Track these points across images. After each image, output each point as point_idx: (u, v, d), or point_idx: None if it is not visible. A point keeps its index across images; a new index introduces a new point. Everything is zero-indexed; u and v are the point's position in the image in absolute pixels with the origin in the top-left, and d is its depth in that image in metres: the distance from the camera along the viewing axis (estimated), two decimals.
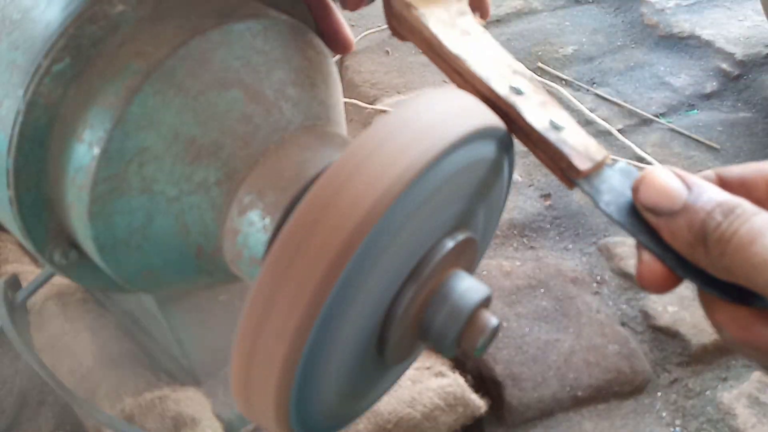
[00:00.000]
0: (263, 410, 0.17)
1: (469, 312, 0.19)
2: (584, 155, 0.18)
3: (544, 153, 0.19)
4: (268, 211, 0.21)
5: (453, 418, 0.34)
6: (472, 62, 0.19)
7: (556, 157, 0.18)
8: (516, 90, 0.19)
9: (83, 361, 0.34)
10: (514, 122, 0.19)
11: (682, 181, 0.15)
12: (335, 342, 0.17)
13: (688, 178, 0.15)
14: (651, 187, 0.15)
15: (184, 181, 0.21)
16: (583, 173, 0.18)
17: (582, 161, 0.18)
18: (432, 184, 0.17)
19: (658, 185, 0.15)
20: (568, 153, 0.18)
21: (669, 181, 0.15)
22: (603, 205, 0.17)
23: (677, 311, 0.43)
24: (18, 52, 0.21)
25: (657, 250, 0.15)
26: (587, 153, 0.18)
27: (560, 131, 0.18)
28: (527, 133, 0.19)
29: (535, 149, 0.19)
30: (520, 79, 0.19)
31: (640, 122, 0.59)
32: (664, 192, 0.15)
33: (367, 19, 0.70)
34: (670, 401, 0.40)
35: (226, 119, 0.21)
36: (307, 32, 0.24)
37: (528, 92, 0.19)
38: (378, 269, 0.17)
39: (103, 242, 0.22)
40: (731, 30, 0.67)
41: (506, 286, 0.44)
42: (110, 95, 0.21)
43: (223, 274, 0.24)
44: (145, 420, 0.30)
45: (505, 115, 0.19)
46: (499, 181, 0.21)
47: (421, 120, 0.17)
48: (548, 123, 0.18)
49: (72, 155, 0.21)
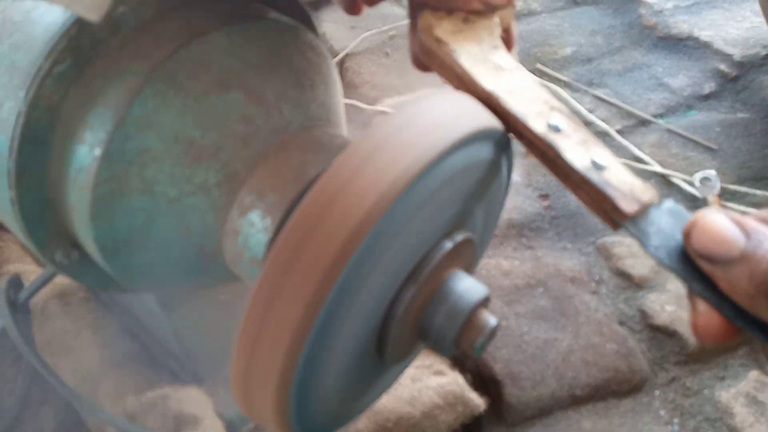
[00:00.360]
0: (263, 409, 0.18)
1: (468, 312, 0.19)
2: (630, 197, 0.17)
3: (587, 194, 0.17)
4: (268, 211, 0.21)
5: (452, 417, 0.34)
6: (506, 99, 0.18)
7: (599, 198, 0.17)
8: (554, 128, 0.18)
9: (85, 360, 0.34)
10: (552, 162, 0.18)
11: (738, 226, 0.14)
12: (335, 342, 0.17)
13: (745, 223, 0.14)
14: (705, 233, 0.14)
15: (184, 182, 0.21)
16: (629, 216, 0.16)
17: (628, 203, 0.17)
18: (431, 185, 0.17)
19: (712, 231, 0.14)
20: (612, 195, 0.17)
21: (724, 227, 0.14)
22: (652, 250, 0.16)
23: (675, 310, 0.43)
24: (19, 54, 0.21)
25: (713, 299, 0.14)
26: (633, 194, 0.17)
27: (603, 171, 0.17)
28: (567, 174, 0.18)
29: (576, 189, 0.18)
30: (558, 116, 0.18)
31: (638, 123, 0.60)
32: (720, 239, 0.14)
33: (367, 21, 0.70)
34: (668, 400, 0.40)
35: (226, 121, 0.21)
36: (307, 34, 0.24)
37: (567, 130, 0.18)
38: (378, 270, 0.17)
39: (105, 243, 0.22)
40: (729, 31, 0.67)
41: (505, 285, 0.45)
42: (111, 97, 0.21)
43: (223, 274, 0.24)
44: (147, 419, 0.30)
45: (543, 154, 0.18)
46: (498, 181, 0.21)
47: (420, 122, 0.17)
48: (590, 162, 0.17)
49: (73, 156, 0.21)
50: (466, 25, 0.20)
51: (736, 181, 0.53)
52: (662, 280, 0.45)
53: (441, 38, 0.20)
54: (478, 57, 0.19)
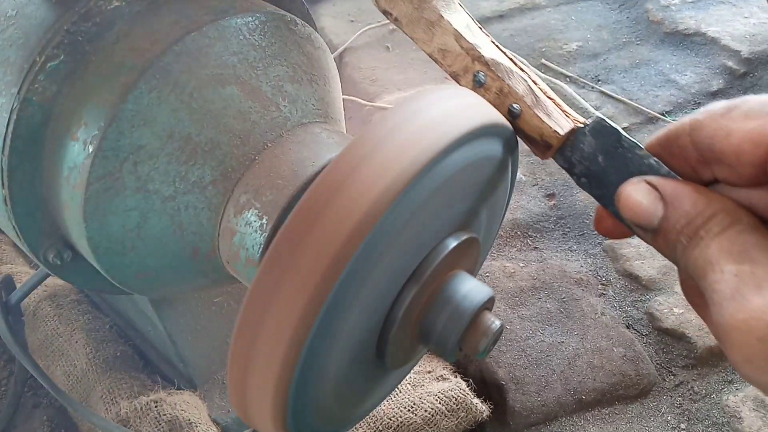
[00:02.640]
0: (260, 414, 0.17)
1: (472, 314, 0.19)
2: (540, 143, 0.19)
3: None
4: (265, 210, 0.20)
5: (455, 423, 0.33)
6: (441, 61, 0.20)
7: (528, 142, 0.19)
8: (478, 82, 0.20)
9: (77, 363, 0.33)
10: None
11: (657, 195, 0.15)
12: (334, 345, 0.17)
13: (664, 189, 0.15)
14: (626, 207, 0.15)
15: (179, 180, 0.21)
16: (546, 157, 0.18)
17: (540, 151, 0.19)
18: (433, 184, 0.17)
19: (631, 204, 0.15)
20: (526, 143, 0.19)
21: (641, 200, 0.15)
22: (575, 179, 0.18)
23: (683, 313, 0.42)
24: (12, 49, 0.21)
25: None
26: (542, 139, 0.19)
27: (516, 119, 0.19)
28: None
29: None
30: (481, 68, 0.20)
31: (645, 120, 0.59)
32: (640, 211, 0.15)
33: (366, 15, 0.70)
34: (676, 404, 0.39)
35: (222, 117, 0.21)
36: (305, 27, 0.24)
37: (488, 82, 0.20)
38: (378, 270, 0.16)
39: (98, 242, 0.21)
40: (737, 27, 0.66)
41: (509, 287, 0.44)
42: (105, 92, 0.20)
43: (219, 275, 0.23)
44: (141, 424, 0.30)
45: None
46: (503, 180, 0.21)
47: (422, 117, 0.17)
48: (506, 111, 0.19)
49: (66, 153, 0.21)
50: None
51: None
52: (670, 282, 0.45)
53: (385, 9, 0.21)
54: (412, 18, 0.21)
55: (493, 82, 0.19)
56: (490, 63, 0.19)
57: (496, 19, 0.71)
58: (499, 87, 0.19)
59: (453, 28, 0.20)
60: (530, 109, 0.19)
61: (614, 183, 0.17)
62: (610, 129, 0.18)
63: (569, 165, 0.18)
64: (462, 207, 0.19)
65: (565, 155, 0.18)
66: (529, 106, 0.19)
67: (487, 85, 0.19)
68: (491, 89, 0.19)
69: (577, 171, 0.18)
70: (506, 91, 0.19)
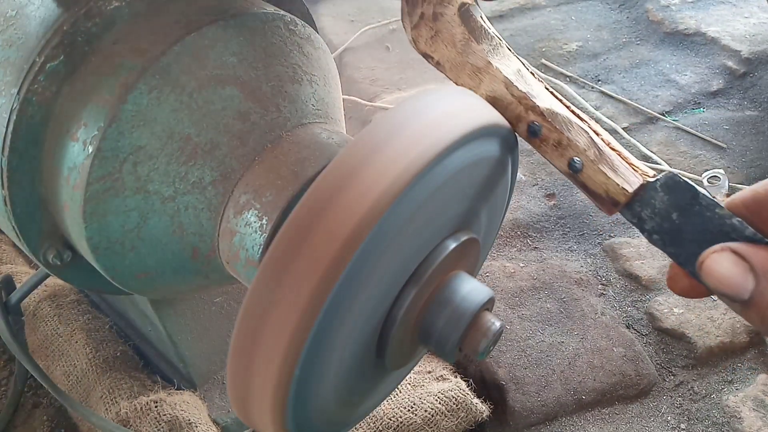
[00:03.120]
0: (260, 414, 0.17)
1: (472, 315, 0.19)
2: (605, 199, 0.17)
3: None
4: (265, 211, 0.20)
5: (454, 423, 0.33)
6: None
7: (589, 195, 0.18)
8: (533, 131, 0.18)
9: (77, 363, 0.33)
10: None
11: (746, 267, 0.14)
12: (334, 345, 0.17)
13: (755, 262, 0.14)
14: (711, 277, 0.14)
15: (179, 180, 0.21)
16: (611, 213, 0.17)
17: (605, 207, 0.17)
18: (433, 184, 0.17)
19: (719, 276, 0.14)
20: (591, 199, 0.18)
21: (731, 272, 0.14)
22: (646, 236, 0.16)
23: (683, 313, 0.42)
24: (12, 50, 0.21)
25: None
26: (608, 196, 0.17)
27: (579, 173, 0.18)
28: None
29: None
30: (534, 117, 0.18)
31: (645, 120, 0.59)
32: (728, 284, 0.14)
33: (366, 15, 0.70)
34: (676, 405, 0.39)
35: (222, 117, 0.21)
36: (305, 28, 0.24)
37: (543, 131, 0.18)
38: (378, 271, 0.16)
39: (97, 243, 0.21)
40: (737, 27, 0.66)
41: (509, 287, 0.44)
42: (105, 93, 0.20)
43: (219, 275, 0.23)
44: (141, 424, 0.30)
45: None
46: (503, 180, 0.21)
47: (422, 118, 0.17)
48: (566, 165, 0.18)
49: (66, 154, 0.21)
50: (438, 23, 0.19)
51: (745, 180, 0.52)
52: None
53: (425, 52, 0.20)
54: (456, 62, 0.19)
55: (550, 133, 0.18)
56: (546, 113, 0.18)
57: (496, 19, 0.71)
58: (557, 139, 0.18)
59: (503, 76, 0.18)
60: (594, 164, 0.17)
61: (692, 242, 0.16)
62: (684, 185, 0.16)
63: (638, 220, 0.17)
64: (462, 207, 0.19)
65: (634, 210, 0.17)
66: (592, 160, 0.17)
67: (543, 136, 0.18)
68: (548, 141, 0.18)
69: (647, 227, 0.17)
70: (565, 144, 0.18)
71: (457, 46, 0.19)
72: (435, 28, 0.19)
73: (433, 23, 0.19)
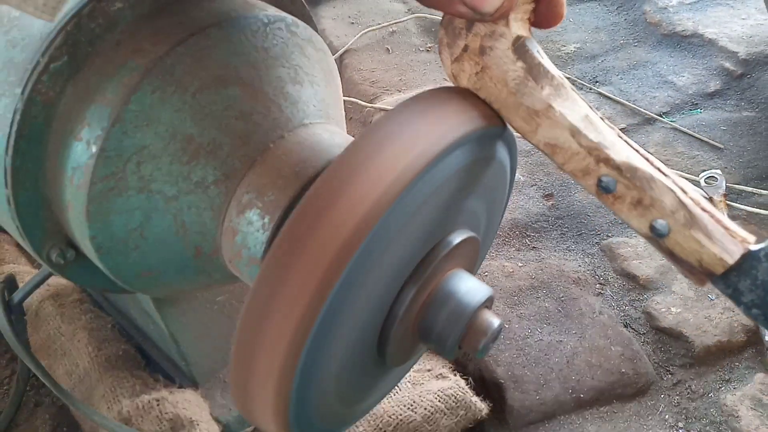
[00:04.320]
0: (262, 411, 0.17)
1: (471, 313, 0.19)
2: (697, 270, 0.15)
3: None
4: (267, 210, 0.20)
5: (454, 421, 0.33)
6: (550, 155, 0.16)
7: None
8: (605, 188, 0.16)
9: (80, 362, 0.33)
10: None
11: None
12: (335, 343, 0.17)
13: None
14: None
15: (182, 180, 0.21)
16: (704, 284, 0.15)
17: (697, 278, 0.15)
18: (433, 184, 0.17)
19: None
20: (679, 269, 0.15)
21: None
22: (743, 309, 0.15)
23: (681, 312, 0.43)
24: (16, 50, 0.21)
25: None
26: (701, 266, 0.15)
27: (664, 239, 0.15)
28: None
29: None
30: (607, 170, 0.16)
31: (643, 121, 0.59)
32: None
33: (367, 17, 0.70)
34: (674, 403, 0.39)
35: (224, 117, 0.21)
36: (306, 30, 0.24)
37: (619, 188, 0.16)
38: (379, 269, 0.17)
39: (101, 242, 0.21)
40: (734, 28, 0.67)
41: (508, 287, 0.44)
42: (108, 93, 0.20)
43: (221, 274, 0.23)
44: (143, 422, 0.30)
45: None
46: (502, 179, 0.21)
47: (421, 119, 0.17)
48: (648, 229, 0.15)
49: (70, 154, 0.21)
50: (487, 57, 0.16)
51: (742, 181, 0.52)
52: (668, 282, 0.45)
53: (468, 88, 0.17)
54: (508, 103, 0.17)
55: (628, 190, 0.15)
56: (623, 167, 0.15)
57: None
58: (637, 198, 0.15)
59: (568, 122, 0.16)
60: (684, 229, 0.15)
61: None
62: None
63: (734, 292, 0.15)
64: (461, 207, 0.19)
65: (730, 281, 0.15)
66: (682, 224, 0.15)
67: (618, 193, 0.15)
68: (624, 199, 0.15)
69: (745, 300, 0.15)
70: (647, 204, 0.15)
71: (509, 85, 0.16)
72: (482, 64, 0.16)
73: (480, 58, 0.16)
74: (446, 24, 0.17)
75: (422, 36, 0.68)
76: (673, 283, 0.45)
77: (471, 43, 0.17)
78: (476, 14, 0.16)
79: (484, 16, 0.16)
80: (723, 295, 0.15)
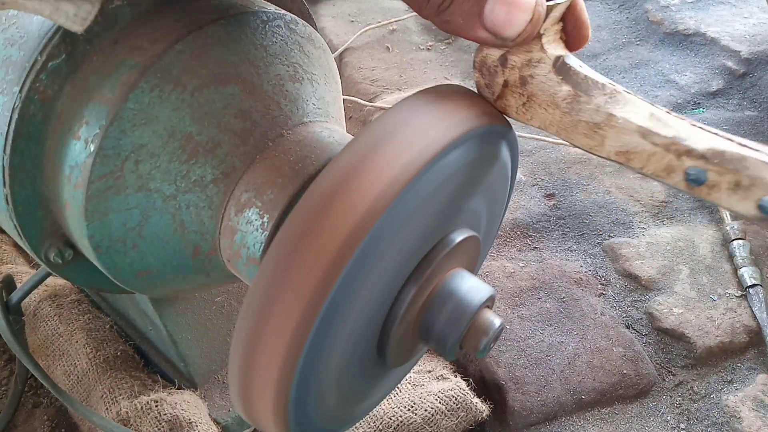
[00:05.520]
0: (262, 412, 0.17)
1: (472, 312, 0.19)
2: None
3: None
4: (266, 209, 0.20)
5: (454, 423, 0.33)
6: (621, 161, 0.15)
7: None
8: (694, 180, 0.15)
9: (78, 363, 0.33)
10: None
11: None
12: (335, 343, 0.17)
13: None
14: None
15: (180, 178, 0.21)
16: None
17: None
18: (433, 182, 0.17)
19: None
20: None
21: None
22: None
23: (683, 313, 0.42)
24: (14, 48, 0.21)
25: None
26: None
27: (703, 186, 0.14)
28: None
29: None
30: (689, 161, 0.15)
31: None
32: None
33: (366, 15, 0.70)
34: (675, 404, 0.39)
35: (223, 115, 0.21)
36: (306, 27, 0.24)
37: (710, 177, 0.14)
38: (379, 268, 0.16)
39: (99, 241, 0.21)
40: (737, 27, 0.66)
41: (509, 287, 0.44)
42: (106, 91, 0.20)
43: (220, 274, 0.23)
44: (141, 423, 0.30)
45: None
46: (503, 179, 0.21)
47: (422, 117, 0.17)
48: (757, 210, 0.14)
49: (68, 152, 0.21)
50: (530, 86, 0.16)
51: None
52: (670, 282, 0.45)
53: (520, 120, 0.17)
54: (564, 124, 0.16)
55: (721, 176, 0.14)
56: (708, 155, 0.14)
57: None
58: (734, 181, 0.14)
59: (634, 125, 0.15)
60: None
61: None
62: None
63: None
64: (462, 205, 0.19)
65: None
66: None
67: (710, 182, 0.14)
68: (720, 186, 0.14)
69: None
70: (747, 184, 0.14)
71: (561, 106, 0.16)
72: (527, 93, 0.16)
73: (523, 88, 0.16)
74: (479, 65, 0.17)
75: (422, 34, 0.67)
76: (675, 283, 0.44)
77: (510, 77, 0.16)
78: (498, 39, 0.15)
79: (506, 41, 0.15)
80: None
